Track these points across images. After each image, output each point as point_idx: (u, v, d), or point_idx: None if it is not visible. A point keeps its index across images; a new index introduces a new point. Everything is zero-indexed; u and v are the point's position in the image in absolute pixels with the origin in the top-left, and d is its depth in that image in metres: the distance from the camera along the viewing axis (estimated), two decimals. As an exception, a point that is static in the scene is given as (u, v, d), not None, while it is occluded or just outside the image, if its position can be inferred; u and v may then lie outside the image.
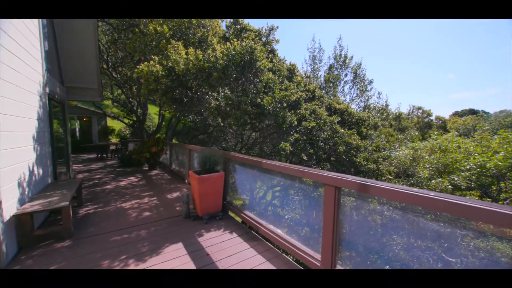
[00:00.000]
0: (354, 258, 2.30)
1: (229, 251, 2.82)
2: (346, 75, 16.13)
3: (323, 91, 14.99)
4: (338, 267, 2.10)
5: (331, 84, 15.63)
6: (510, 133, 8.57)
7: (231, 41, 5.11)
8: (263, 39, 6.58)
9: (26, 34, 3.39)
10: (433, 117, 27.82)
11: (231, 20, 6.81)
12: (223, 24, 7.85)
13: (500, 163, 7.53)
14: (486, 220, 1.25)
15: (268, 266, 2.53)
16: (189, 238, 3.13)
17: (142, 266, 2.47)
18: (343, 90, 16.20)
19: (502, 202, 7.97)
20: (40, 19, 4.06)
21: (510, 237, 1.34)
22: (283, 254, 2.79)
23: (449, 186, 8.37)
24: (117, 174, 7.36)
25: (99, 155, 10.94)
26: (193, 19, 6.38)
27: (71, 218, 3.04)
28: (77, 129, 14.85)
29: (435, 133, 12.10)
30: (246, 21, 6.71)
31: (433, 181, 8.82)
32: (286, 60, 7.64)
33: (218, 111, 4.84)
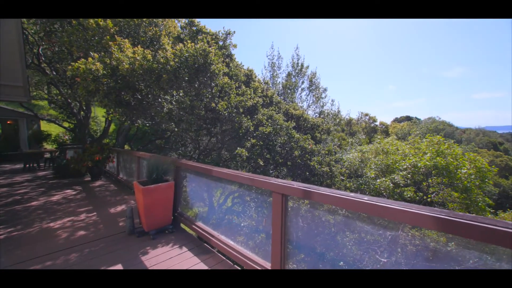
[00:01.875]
0: (309, 259, 2.32)
1: (177, 268, 2.58)
2: (303, 82, 17.12)
3: (281, 97, 15.57)
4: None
5: (288, 91, 16.35)
6: (434, 136, 10.16)
7: (185, 42, 4.88)
8: (220, 43, 6.47)
9: None
10: (377, 123, 31.37)
11: (186, 20, 6.53)
12: (179, 24, 7.49)
13: (427, 163, 8.81)
14: (409, 222, 1.35)
15: (218, 281, 2.38)
16: (132, 258, 2.78)
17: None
18: (300, 97, 17.12)
19: (430, 196, 9.34)
20: None
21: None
22: (236, 266, 2.68)
23: (391, 184, 9.44)
24: (50, 187, 6.28)
25: (28, 165, 9.25)
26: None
27: (-34, 249, 2.40)
28: (-3, 134, 12.35)
29: (378, 137, 13.64)
30: (202, 23, 6.53)
31: (378, 180, 9.84)
32: (243, 65, 7.65)
33: (170, 116, 4.51)
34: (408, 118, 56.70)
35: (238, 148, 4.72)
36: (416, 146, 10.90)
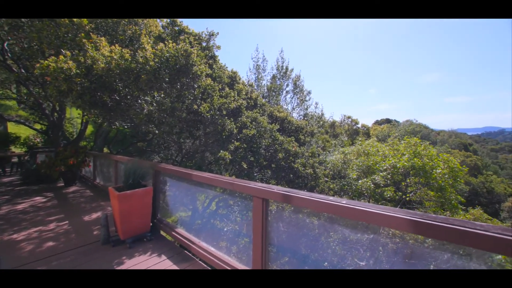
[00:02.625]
0: (294, 261, 2.30)
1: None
2: (287, 85, 17.34)
3: (266, 100, 15.64)
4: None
5: (273, 93, 16.49)
6: (412, 138, 10.65)
7: (166, 42, 4.73)
8: (203, 44, 6.36)
9: None
10: (359, 125, 32.40)
11: (168, 20, 6.35)
12: (160, 23, 7.27)
13: (405, 164, 9.20)
14: (385, 224, 1.36)
15: None
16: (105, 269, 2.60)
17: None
18: (285, 99, 17.32)
19: (409, 195, 9.76)
20: None
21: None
22: (217, 273, 2.59)
23: (372, 185, 9.75)
24: (16, 194, 5.80)
25: (-8, 171, 8.51)
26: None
27: None
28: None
29: (360, 139, 14.11)
30: (185, 23, 6.39)
31: (360, 181, 10.12)
32: (227, 67, 7.59)
33: (150, 118, 4.33)
34: (388, 121, 59.36)
35: (221, 151, 4.63)
36: (395, 147, 11.35)
